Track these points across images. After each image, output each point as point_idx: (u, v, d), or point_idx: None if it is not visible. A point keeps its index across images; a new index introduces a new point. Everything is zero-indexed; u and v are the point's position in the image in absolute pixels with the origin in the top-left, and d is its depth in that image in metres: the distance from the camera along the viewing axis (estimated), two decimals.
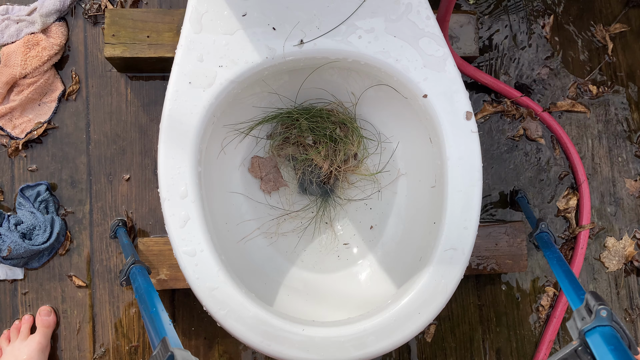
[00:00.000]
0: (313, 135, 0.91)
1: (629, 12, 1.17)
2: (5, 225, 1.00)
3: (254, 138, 0.91)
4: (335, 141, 0.90)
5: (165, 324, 0.65)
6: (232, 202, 0.90)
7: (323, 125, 0.89)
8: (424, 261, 0.75)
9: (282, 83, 0.88)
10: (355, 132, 0.90)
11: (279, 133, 0.92)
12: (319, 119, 0.90)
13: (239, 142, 0.90)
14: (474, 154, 0.75)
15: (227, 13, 0.76)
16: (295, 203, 0.93)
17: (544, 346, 1.06)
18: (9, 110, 1.04)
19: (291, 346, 0.69)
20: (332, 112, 0.91)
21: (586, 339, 0.61)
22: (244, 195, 0.90)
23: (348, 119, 0.91)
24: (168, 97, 0.74)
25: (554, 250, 0.87)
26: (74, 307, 1.03)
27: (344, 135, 0.90)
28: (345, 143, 0.90)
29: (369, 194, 0.93)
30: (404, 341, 0.70)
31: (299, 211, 0.92)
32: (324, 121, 0.90)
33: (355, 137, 0.90)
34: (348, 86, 0.90)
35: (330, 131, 0.90)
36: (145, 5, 1.10)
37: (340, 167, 0.90)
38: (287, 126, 0.92)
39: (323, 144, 0.90)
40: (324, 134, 0.90)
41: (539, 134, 1.11)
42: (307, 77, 0.86)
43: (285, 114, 0.90)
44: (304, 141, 0.91)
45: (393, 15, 0.77)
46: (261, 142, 0.92)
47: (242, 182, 0.91)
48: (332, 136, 0.90)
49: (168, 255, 0.97)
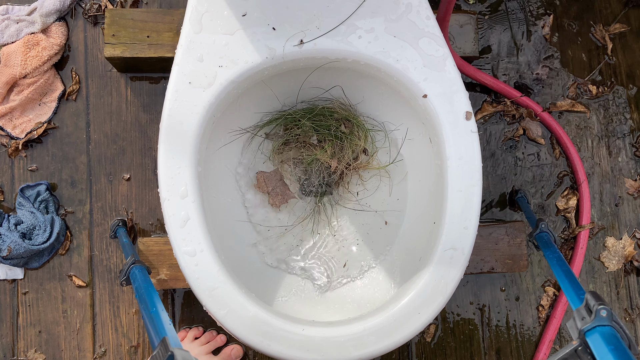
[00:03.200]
0: (317, 134, 0.90)
1: (629, 12, 1.17)
2: (5, 225, 1.00)
3: (256, 144, 0.91)
4: (340, 138, 0.89)
5: (165, 324, 0.65)
6: (229, 209, 0.90)
7: (327, 124, 0.89)
8: (423, 261, 0.75)
9: (282, 85, 0.88)
10: (361, 127, 0.90)
11: (281, 135, 0.91)
12: (321, 117, 0.89)
13: (243, 146, 0.90)
14: (474, 153, 0.75)
15: (227, 13, 0.76)
16: (294, 205, 0.93)
17: (544, 346, 1.06)
18: (9, 110, 1.04)
19: (291, 346, 0.69)
20: (335, 110, 0.90)
21: (586, 339, 0.61)
22: (247, 214, 0.90)
23: (351, 115, 0.90)
24: (168, 97, 0.74)
25: (554, 250, 0.87)
26: (74, 307, 1.03)
27: (349, 132, 0.90)
28: (351, 139, 0.89)
29: (369, 194, 0.93)
30: (404, 341, 0.70)
31: (299, 222, 0.92)
32: (327, 119, 0.89)
33: (361, 132, 0.90)
34: (349, 85, 0.90)
35: (335, 128, 0.89)
36: (145, 5, 1.10)
37: (351, 164, 0.89)
38: (288, 128, 0.91)
39: (328, 142, 0.89)
40: (328, 132, 0.89)
41: (539, 134, 1.11)
42: (306, 78, 0.86)
43: (286, 115, 0.90)
44: (309, 141, 0.90)
45: (393, 15, 0.77)
46: (262, 146, 0.92)
47: (242, 192, 0.91)
48: (336, 134, 0.89)
49: (168, 255, 0.97)
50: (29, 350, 1.02)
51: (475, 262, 1.00)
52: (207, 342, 1.00)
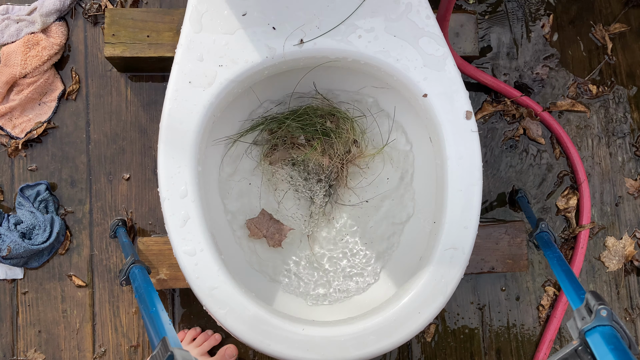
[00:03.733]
0: (304, 133, 0.90)
1: (629, 12, 1.17)
2: (5, 224, 1.00)
3: (242, 150, 0.90)
4: (327, 134, 0.89)
5: (165, 323, 0.65)
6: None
7: (312, 122, 0.89)
8: (424, 261, 0.75)
9: (269, 89, 0.88)
10: (343, 118, 0.89)
11: (267, 140, 0.91)
12: (306, 117, 0.89)
13: (233, 158, 0.90)
14: (474, 153, 0.75)
15: (227, 12, 0.76)
16: (292, 207, 0.93)
17: (544, 346, 1.06)
18: (8, 110, 1.04)
19: (291, 346, 0.69)
20: (319, 107, 0.90)
21: (586, 339, 0.61)
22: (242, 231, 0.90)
23: (334, 108, 0.90)
24: (168, 96, 0.74)
25: (554, 250, 0.87)
26: (74, 307, 1.03)
27: (335, 127, 0.90)
28: (339, 133, 0.89)
29: (369, 194, 0.93)
30: (404, 341, 0.70)
31: (294, 228, 0.92)
32: (312, 118, 0.89)
33: (347, 124, 0.89)
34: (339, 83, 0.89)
35: (320, 125, 0.89)
36: (145, 5, 1.10)
37: (344, 159, 0.89)
38: (274, 131, 0.91)
39: (316, 139, 0.89)
40: (315, 130, 0.89)
41: (539, 134, 1.11)
42: (301, 79, 0.86)
43: (271, 118, 0.89)
44: (297, 141, 0.90)
45: (393, 15, 0.77)
46: (252, 153, 0.91)
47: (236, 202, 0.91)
48: (323, 130, 0.89)
49: (168, 255, 0.97)
50: (29, 350, 1.02)
51: (475, 261, 0.99)
52: (203, 342, 1.00)
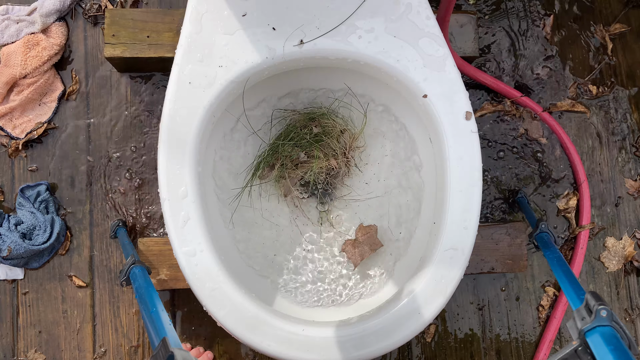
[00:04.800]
0: (302, 150, 0.90)
1: (629, 12, 1.17)
2: (5, 225, 1.00)
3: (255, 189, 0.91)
4: (320, 139, 0.89)
5: (165, 324, 0.65)
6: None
7: (301, 136, 0.89)
8: (424, 261, 0.75)
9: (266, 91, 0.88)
10: (323, 115, 0.89)
11: (275, 170, 0.90)
12: (293, 134, 0.89)
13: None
14: (474, 154, 0.75)
15: (227, 13, 0.76)
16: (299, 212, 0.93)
17: (544, 346, 1.06)
18: (9, 110, 1.04)
19: (291, 346, 0.69)
20: (298, 119, 0.90)
21: (586, 339, 0.61)
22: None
23: (310, 112, 0.90)
24: (168, 97, 0.74)
25: (554, 250, 0.87)
26: (74, 307, 1.03)
27: (321, 130, 0.89)
28: (329, 132, 0.89)
29: (368, 193, 0.93)
30: (404, 341, 0.70)
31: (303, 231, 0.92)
32: (299, 131, 0.89)
33: (335, 120, 0.89)
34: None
35: (309, 135, 0.89)
36: (145, 5, 1.10)
37: (346, 148, 0.89)
38: (272, 164, 0.90)
39: (314, 149, 0.89)
40: (307, 142, 0.89)
41: (539, 134, 1.11)
42: (301, 77, 0.86)
43: (268, 154, 0.89)
44: (299, 160, 0.90)
45: (393, 16, 0.77)
46: (263, 186, 0.91)
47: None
48: (316, 138, 0.89)
49: (168, 255, 0.97)
50: (29, 351, 1.02)
51: (475, 262, 1.00)
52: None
